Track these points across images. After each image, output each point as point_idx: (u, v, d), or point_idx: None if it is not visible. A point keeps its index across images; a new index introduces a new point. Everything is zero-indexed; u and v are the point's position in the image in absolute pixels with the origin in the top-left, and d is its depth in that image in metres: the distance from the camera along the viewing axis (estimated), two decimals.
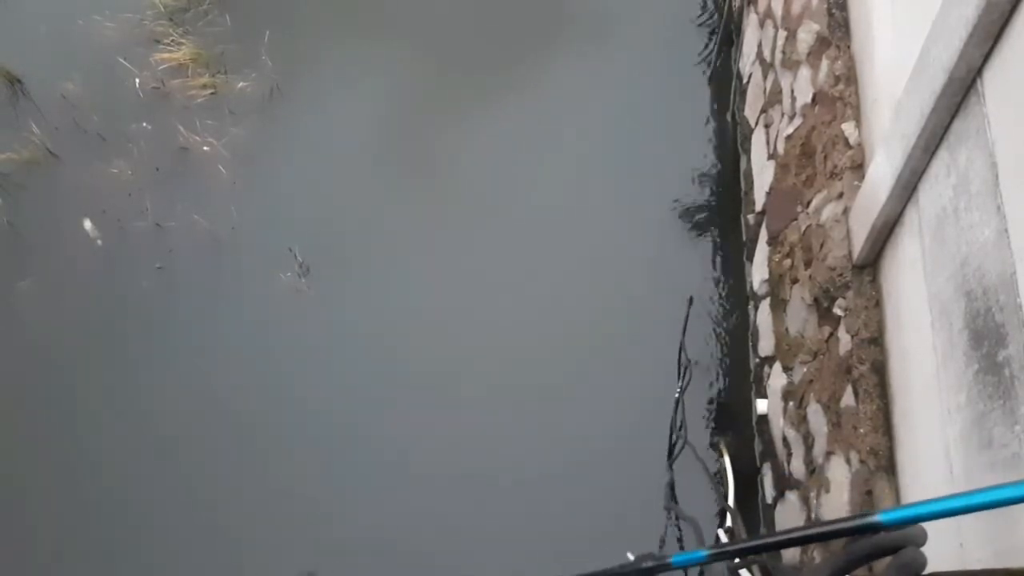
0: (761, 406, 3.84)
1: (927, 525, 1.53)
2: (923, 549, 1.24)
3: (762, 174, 4.28)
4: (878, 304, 3.03)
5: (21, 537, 4.07)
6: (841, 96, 3.43)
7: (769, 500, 3.71)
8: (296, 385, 4.37)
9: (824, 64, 3.60)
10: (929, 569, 1.26)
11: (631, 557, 1.67)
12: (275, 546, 3.97)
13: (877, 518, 1.09)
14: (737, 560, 3.29)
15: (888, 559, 1.20)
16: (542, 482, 4.00)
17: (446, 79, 5.27)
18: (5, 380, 4.47)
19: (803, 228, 3.56)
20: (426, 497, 4.04)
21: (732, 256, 4.57)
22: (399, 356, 4.42)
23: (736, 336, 4.33)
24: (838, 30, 3.58)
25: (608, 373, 4.24)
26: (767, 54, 4.42)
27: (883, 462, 2.81)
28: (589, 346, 4.33)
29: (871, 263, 3.08)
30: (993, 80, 2.20)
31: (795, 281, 3.60)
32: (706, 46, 5.30)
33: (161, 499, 4.12)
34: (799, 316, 3.53)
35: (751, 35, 4.80)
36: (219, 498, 4.12)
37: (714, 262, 4.59)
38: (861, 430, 2.89)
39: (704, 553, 1.61)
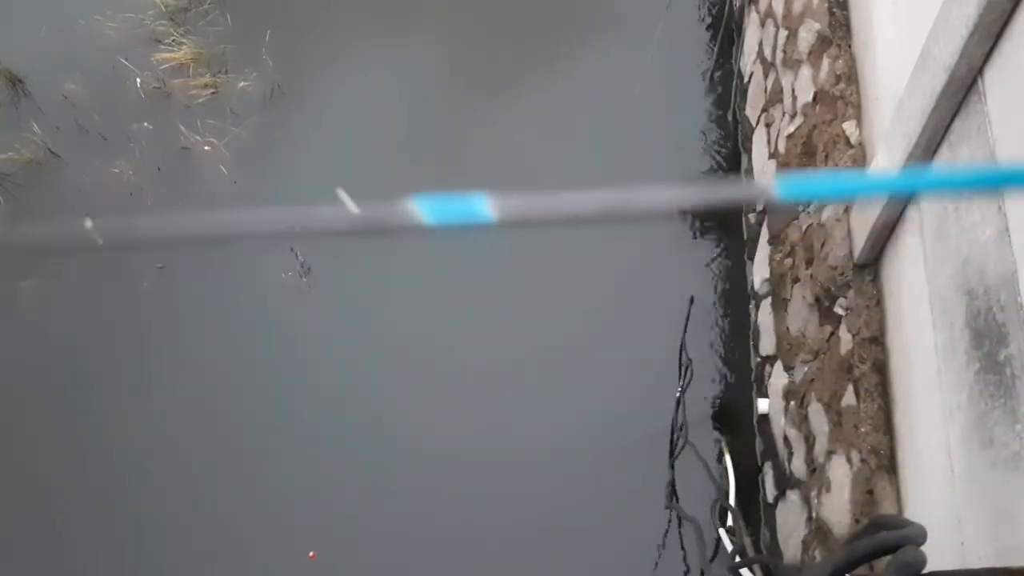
0: (762, 405, 3.83)
1: (928, 525, 1.53)
2: (924, 548, 1.24)
3: (763, 173, 4.28)
4: (879, 303, 3.03)
5: (26, 528, 4.07)
6: (842, 95, 3.43)
7: (770, 499, 3.71)
8: (296, 383, 4.38)
9: (825, 63, 3.60)
10: (930, 567, 1.26)
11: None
12: (277, 537, 3.98)
13: (774, 189, 0.90)
14: (738, 560, 3.29)
15: (888, 558, 1.20)
16: (542, 480, 4.00)
17: (447, 77, 5.27)
18: (7, 378, 4.47)
19: (804, 227, 3.56)
20: (426, 492, 4.04)
21: (733, 255, 4.57)
22: (400, 354, 4.42)
23: (737, 335, 4.33)
24: (839, 29, 3.58)
25: (609, 372, 4.24)
26: (768, 53, 4.42)
27: (884, 461, 2.81)
28: (591, 345, 4.33)
29: (872, 262, 3.08)
30: (994, 79, 2.20)
31: (796, 280, 3.59)
32: (707, 45, 5.30)
33: (164, 494, 4.12)
34: (800, 315, 3.53)
35: (752, 34, 4.79)
36: (221, 494, 4.12)
37: (715, 261, 4.59)
38: (862, 429, 2.89)
39: None
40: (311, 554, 3.91)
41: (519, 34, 5.42)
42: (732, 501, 3.75)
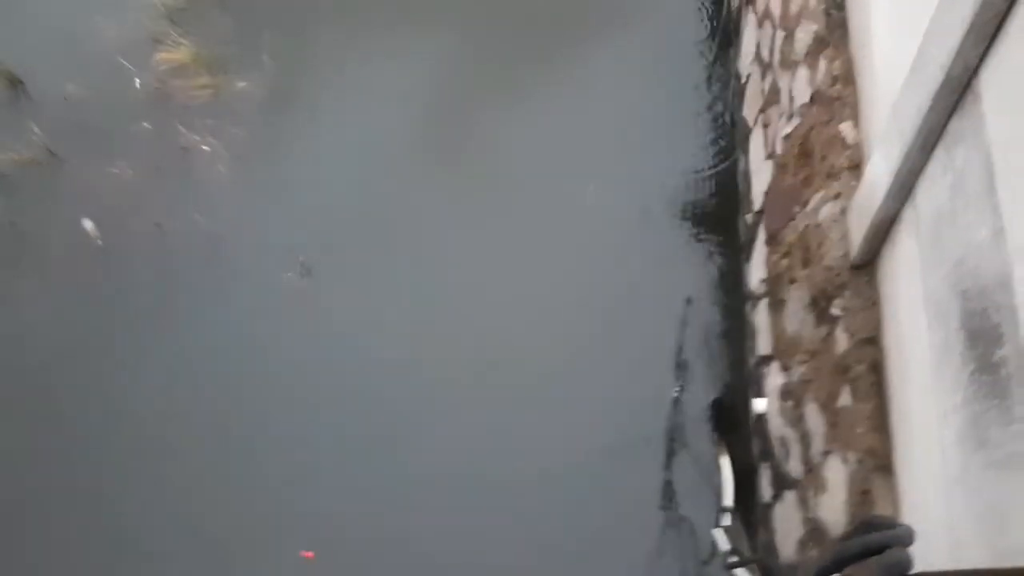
0: (759, 405, 3.83)
1: (923, 526, 1.53)
2: (914, 549, 1.24)
3: (760, 174, 4.28)
4: (875, 304, 3.03)
5: (17, 533, 4.08)
6: (839, 96, 3.43)
7: (767, 499, 3.71)
8: (296, 384, 4.38)
9: (822, 64, 3.60)
10: (926, 568, 1.26)
11: None
12: (276, 537, 3.99)
13: None
14: (734, 560, 3.30)
15: (875, 558, 1.20)
16: (539, 481, 4.00)
17: (447, 78, 5.27)
18: (5, 379, 4.48)
19: (801, 228, 3.56)
20: (426, 496, 4.04)
21: (730, 256, 4.57)
22: (400, 356, 4.42)
23: (734, 336, 4.33)
24: (836, 30, 3.59)
25: (607, 373, 4.24)
26: (765, 54, 4.42)
27: (880, 462, 2.81)
28: (588, 347, 4.33)
29: (869, 263, 3.08)
30: (990, 79, 2.20)
31: (793, 281, 3.60)
32: (704, 46, 5.31)
33: (163, 497, 4.13)
34: (797, 316, 3.53)
35: (749, 35, 4.80)
36: (220, 494, 4.12)
37: (712, 262, 4.59)
38: (858, 430, 2.89)
39: None
40: (310, 554, 3.91)
41: (518, 36, 5.43)
42: (728, 501, 3.75)
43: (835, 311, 3.17)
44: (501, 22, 5.48)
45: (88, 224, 4.84)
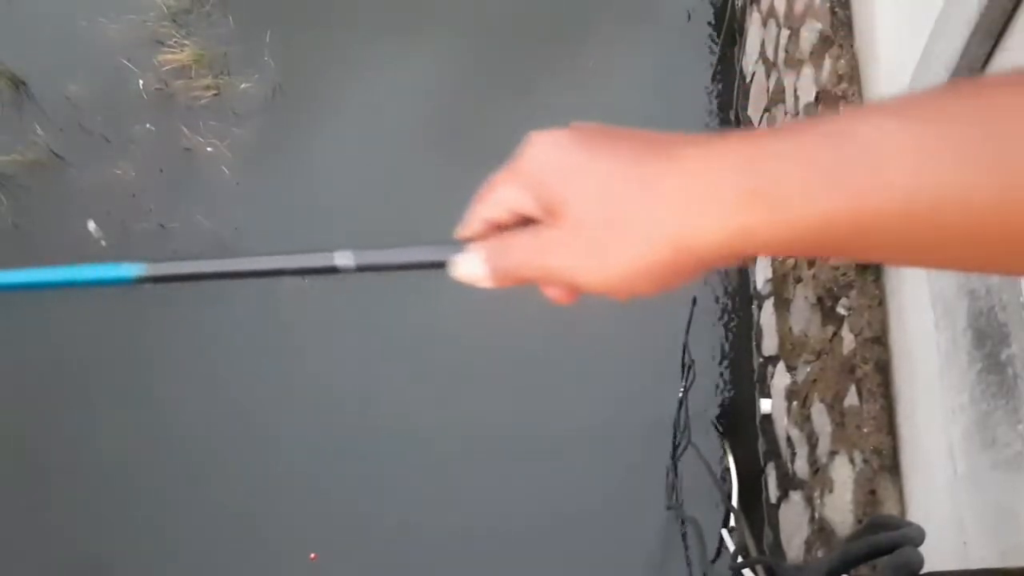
0: (765, 406, 3.83)
1: (931, 525, 1.52)
2: (924, 548, 1.23)
3: None
4: (881, 303, 3.02)
5: (20, 537, 4.08)
6: (844, 95, 3.42)
7: (773, 500, 3.70)
8: (296, 387, 4.37)
9: (827, 63, 3.59)
10: (932, 568, 1.26)
11: None
12: (277, 538, 3.98)
13: None
14: (740, 560, 3.28)
15: (886, 558, 1.19)
16: (541, 482, 4.00)
17: (452, 78, 5.27)
18: (5, 382, 4.48)
19: None
20: (425, 489, 4.04)
21: None
22: (403, 357, 4.42)
23: (739, 336, 4.32)
24: (841, 28, 3.58)
25: (611, 374, 4.23)
26: (770, 53, 4.41)
27: (887, 462, 2.81)
28: (592, 346, 4.32)
29: (874, 262, 3.08)
30: None
31: (798, 280, 3.59)
32: (709, 45, 5.30)
33: (161, 498, 4.13)
34: (803, 315, 3.52)
35: (754, 34, 4.79)
36: (219, 495, 4.12)
37: None
38: (865, 429, 2.89)
39: None
40: (312, 556, 3.91)
41: (520, 35, 5.42)
42: (734, 502, 3.75)
43: (841, 310, 3.16)
44: (504, 22, 5.47)
45: (92, 225, 4.84)
